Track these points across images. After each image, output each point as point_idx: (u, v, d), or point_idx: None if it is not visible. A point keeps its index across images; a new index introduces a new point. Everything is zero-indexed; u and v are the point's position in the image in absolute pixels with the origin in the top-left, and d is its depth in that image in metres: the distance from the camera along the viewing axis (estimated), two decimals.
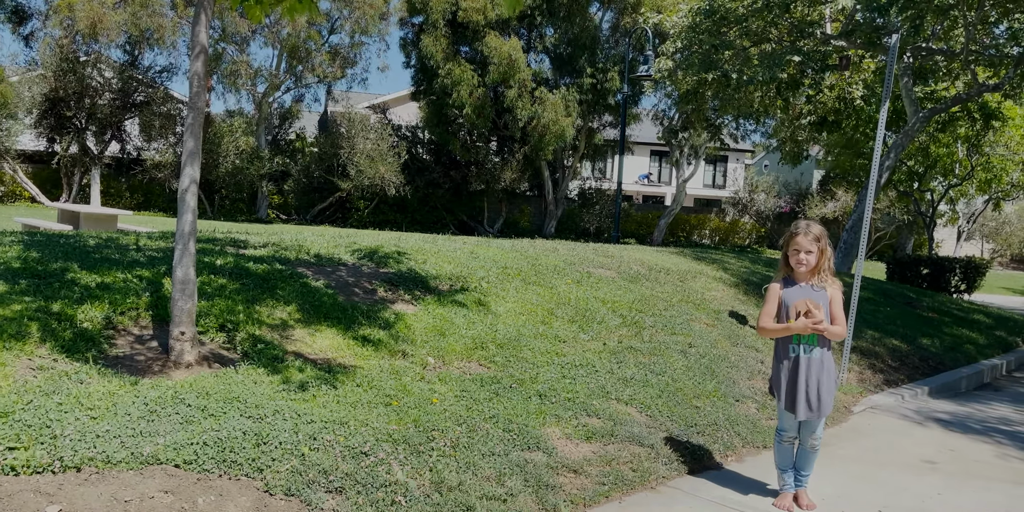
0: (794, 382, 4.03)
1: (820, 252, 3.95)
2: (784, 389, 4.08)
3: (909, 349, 8.60)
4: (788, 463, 4.22)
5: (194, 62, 4.43)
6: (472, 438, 4.16)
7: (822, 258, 3.97)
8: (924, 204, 22.69)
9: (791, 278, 4.06)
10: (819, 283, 4.00)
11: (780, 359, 4.11)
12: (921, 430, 6.03)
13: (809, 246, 3.95)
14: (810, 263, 3.96)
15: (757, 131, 29.21)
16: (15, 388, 3.66)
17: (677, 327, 7.07)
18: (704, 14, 13.29)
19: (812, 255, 3.95)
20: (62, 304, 4.60)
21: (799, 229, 3.99)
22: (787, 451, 4.22)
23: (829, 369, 4.04)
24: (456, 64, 23.83)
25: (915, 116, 13.72)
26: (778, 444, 4.24)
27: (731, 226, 34.97)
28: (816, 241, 3.95)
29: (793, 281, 4.05)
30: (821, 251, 3.96)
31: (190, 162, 4.38)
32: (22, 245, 5.90)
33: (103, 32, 22.96)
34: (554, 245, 9.95)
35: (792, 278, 4.06)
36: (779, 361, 4.12)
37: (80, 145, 25.18)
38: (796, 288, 4.02)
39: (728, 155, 42.62)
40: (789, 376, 4.05)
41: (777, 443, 4.24)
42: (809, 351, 4.00)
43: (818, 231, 3.97)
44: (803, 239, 3.95)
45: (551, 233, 27.90)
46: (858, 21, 12.55)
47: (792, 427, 4.17)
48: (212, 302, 5.08)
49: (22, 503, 2.97)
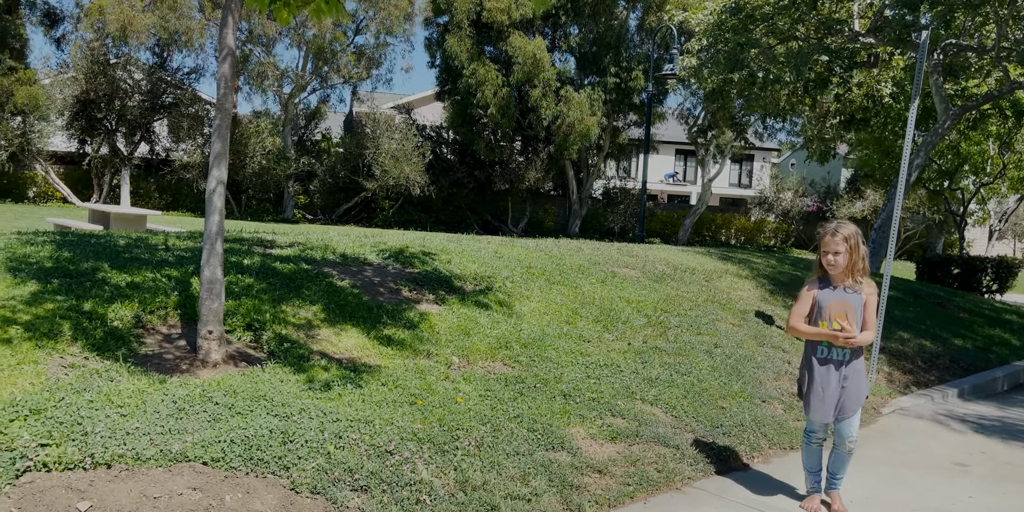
0: (821, 384, 3.98)
1: (849, 252, 3.90)
2: (813, 393, 4.03)
3: (939, 350, 8.47)
4: (815, 465, 4.18)
5: (221, 65, 4.47)
6: (496, 437, 4.16)
7: (852, 259, 3.91)
8: (955, 203, 22.34)
9: (826, 279, 4.02)
10: (853, 285, 3.94)
11: (808, 360, 4.07)
12: (951, 432, 5.94)
13: (837, 247, 3.89)
14: (839, 264, 3.91)
15: (783, 130, 28.93)
16: (47, 386, 3.72)
17: (703, 327, 7.02)
18: (730, 12, 13.19)
19: (840, 256, 3.90)
20: (93, 303, 4.67)
21: (827, 230, 3.94)
22: (815, 453, 4.17)
23: (858, 372, 3.99)
24: (480, 64, 23.85)
25: (945, 114, 13.52)
26: (806, 446, 4.19)
27: (757, 226, 34.65)
28: (844, 241, 3.89)
29: (828, 282, 4.01)
30: (850, 251, 3.90)
31: (217, 164, 4.42)
32: (54, 245, 6.00)
33: (133, 35, 23.27)
34: (578, 245, 9.93)
35: (827, 279, 4.02)
36: (807, 362, 4.08)
37: (110, 146, 25.54)
38: (830, 290, 3.98)
39: (754, 154, 42.26)
40: (816, 378, 4.01)
41: (805, 444, 4.19)
42: (839, 354, 3.95)
43: (847, 231, 3.90)
44: (831, 239, 3.91)
45: (575, 233, 27.84)
46: (887, 17, 12.39)
47: (821, 429, 4.12)
48: (239, 301, 5.14)
49: (54, 499, 3.02)
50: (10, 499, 2.97)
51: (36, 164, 24.58)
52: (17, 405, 3.47)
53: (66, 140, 25.78)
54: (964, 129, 17.72)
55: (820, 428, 4.11)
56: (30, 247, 5.79)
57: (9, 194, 25.27)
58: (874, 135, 19.70)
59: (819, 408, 4.00)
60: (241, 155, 24.91)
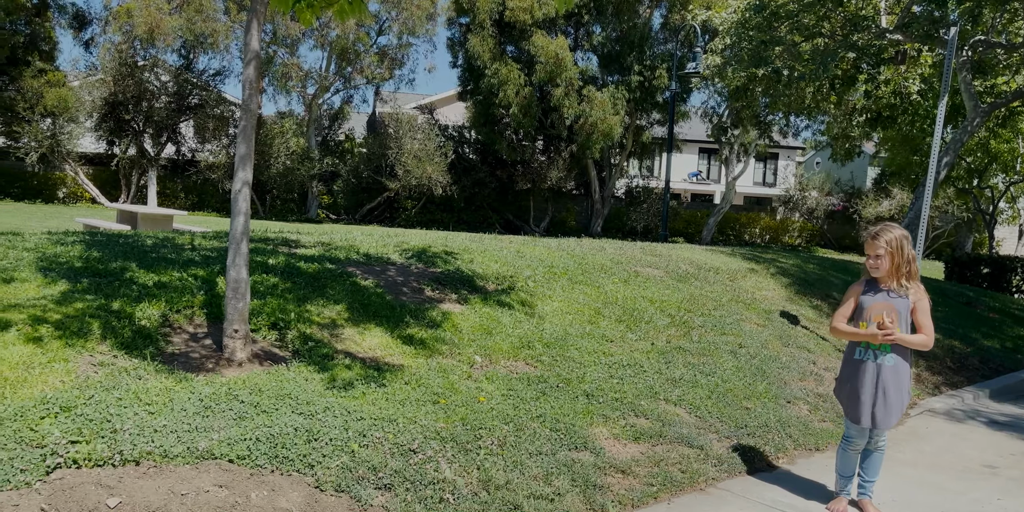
0: (859, 389, 3.92)
1: (890, 256, 3.83)
2: (848, 395, 3.98)
3: (968, 350, 8.35)
4: (848, 470, 4.11)
5: (246, 68, 4.51)
6: (519, 437, 4.16)
7: (895, 262, 3.84)
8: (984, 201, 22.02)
9: (873, 281, 3.97)
10: (899, 289, 3.88)
11: (848, 364, 4.02)
12: (981, 433, 5.86)
13: (877, 250, 3.83)
14: (880, 267, 3.85)
15: (809, 128, 28.67)
16: (77, 383, 3.78)
17: (727, 327, 6.98)
18: (754, 10, 13.09)
19: (881, 259, 3.84)
20: (121, 302, 4.73)
21: (870, 233, 3.91)
22: (851, 459, 4.10)
23: (901, 378, 3.89)
24: (503, 64, 23.87)
25: (975, 111, 13.32)
26: (842, 451, 4.12)
27: (781, 225, 34.35)
28: (885, 245, 3.83)
29: (874, 285, 3.95)
30: (892, 255, 3.83)
31: (242, 166, 4.46)
32: (83, 245, 6.09)
33: (160, 37, 23.55)
34: (601, 244, 9.90)
35: (874, 282, 3.97)
36: (847, 366, 4.03)
37: (138, 147, 25.87)
38: (874, 292, 3.93)
39: (778, 152, 41.89)
40: (855, 382, 3.95)
41: (842, 450, 4.13)
42: (880, 357, 3.88)
43: (889, 236, 3.82)
44: (871, 243, 3.86)
45: (598, 232, 27.77)
46: (914, 13, 12.24)
47: (860, 436, 4.04)
48: (264, 301, 5.18)
49: (84, 495, 3.06)
50: (41, 495, 3.02)
51: (66, 165, 24.95)
52: (48, 402, 3.53)
53: (95, 141, 26.15)
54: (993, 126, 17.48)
55: (858, 435, 4.03)
56: (60, 247, 5.88)
57: (39, 195, 25.67)
58: (901, 133, 19.48)
59: (853, 408, 3.95)
60: (266, 156, 25.13)
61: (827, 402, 5.90)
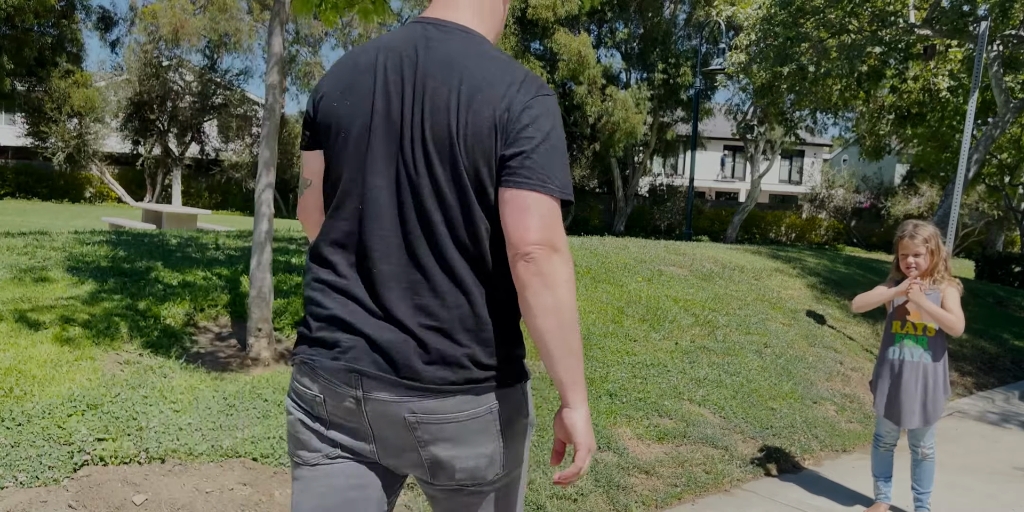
0: (892, 386, 3.86)
1: (931, 254, 3.76)
2: (880, 392, 3.93)
3: (999, 351, 8.21)
4: (882, 471, 4.04)
5: (269, 73, 4.52)
6: (542, 436, 4.14)
7: (934, 261, 3.76)
8: (1016, 199, 21.66)
9: (902, 281, 3.90)
10: (932, 285, 3.80)
11: (882, 360, 3.96)
12: (1012, 435, 5.75)
13: (917, 248, 3.74)
14: (921, 266, 3.76)
15: (836, 125, 28.36)
16: (104, 381, 3.81)
17: (752, 326, 6.91)
18: (779, 5, 12.95)
19: (922, 258, 3.76)
20: (147, 302, 4.77)
21: (906, 232, 3.77)
22: (883, 458, 4.03)
23: (937, 375, 3.80)
24: (525, 61, 23.84)
25: (1006, 107, 13.08)
26: (875, 451, 4.05)
27: (808, 223, 34.01)
28: (924, 243, 3.75)
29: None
30: (931, 254, 3.75)
31: (266, 171, 4.48)
32: (110, 244, 6.16)
33: (184, 37, 23.80)
34: (624, 242, 9.85)
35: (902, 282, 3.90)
36: (880, 362, 3.97)
37: (163, 147, 26.16)
38: None
39: (805, 150, 41.46)
40: (888, 379, 3.89)
41: (874, 449, 4.06)
42: (914, 354, 3.81)
43: (927, 233, 3.74)
44: (910, 242, 3.75)
45: (621, 231, 27.67)
46: (943, 8, 12.05)
47: (889, 433, 3.97)
48: (288, 300, 5.20)
49: (110, 492, 3.09)
50: (68, 492, 3.05)
51: (92, 165, 25.30)
52: (75, 400, 3.56)
53: (120, 141, 26.49)
54: None
55: (888, 433, 3.96)
56: (87, 246, 5.95)
57: (66, 194, 26.04)
58: (931, 130, 19.18)
59: (880, 405, 3.90)
60: (289, 155, 25.31)
61: (854, 403, 5.82)
